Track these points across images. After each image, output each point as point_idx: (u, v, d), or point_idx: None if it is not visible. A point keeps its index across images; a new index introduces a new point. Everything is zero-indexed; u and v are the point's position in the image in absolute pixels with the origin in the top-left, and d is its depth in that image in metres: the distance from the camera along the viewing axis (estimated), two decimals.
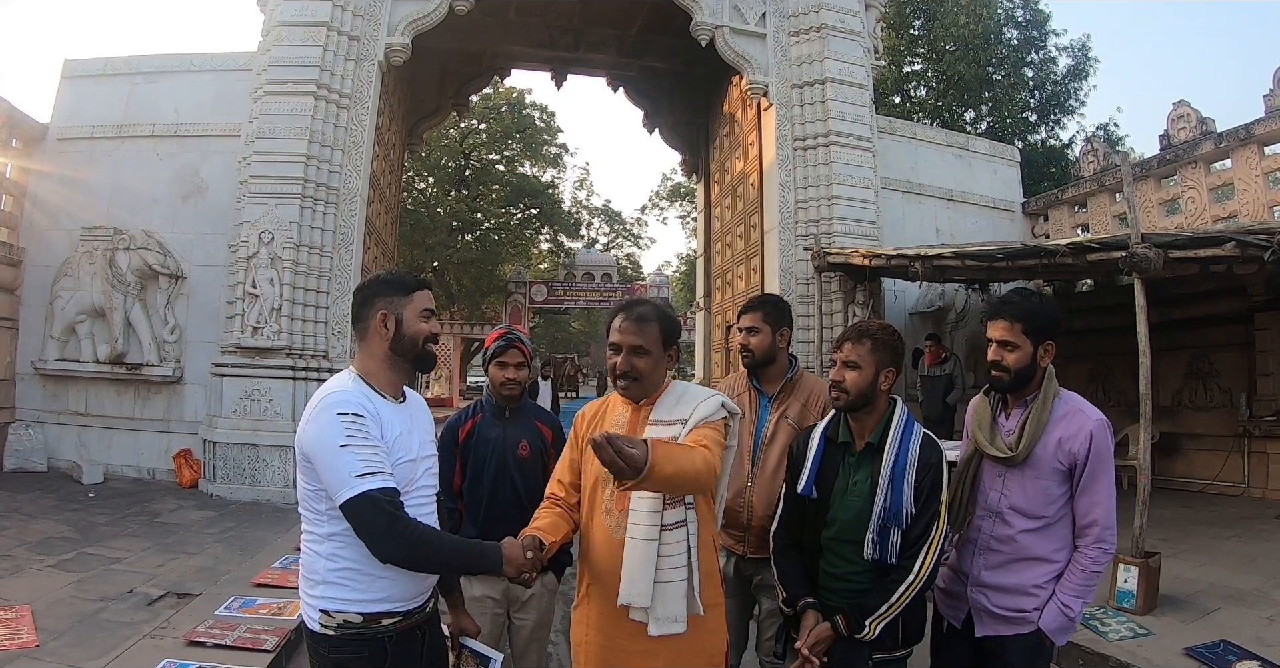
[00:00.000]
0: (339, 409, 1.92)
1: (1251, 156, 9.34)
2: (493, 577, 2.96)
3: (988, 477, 2.54)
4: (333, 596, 1.96)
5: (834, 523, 2.43)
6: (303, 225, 8.65)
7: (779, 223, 10.28)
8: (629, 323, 2.24)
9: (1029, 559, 2.44)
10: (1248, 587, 5.33)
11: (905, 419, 2.45)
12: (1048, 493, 2.43)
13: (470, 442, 3.14)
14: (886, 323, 2.70)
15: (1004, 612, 2.45)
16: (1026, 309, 2.46)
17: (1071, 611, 2.39)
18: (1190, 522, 7.49)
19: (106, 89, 9.79)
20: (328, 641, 1.96)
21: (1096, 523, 2.39)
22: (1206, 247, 5.17)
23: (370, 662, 1.96)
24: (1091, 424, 2.41)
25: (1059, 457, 2.41)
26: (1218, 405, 9.29)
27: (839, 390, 2.46)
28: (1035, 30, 19.48)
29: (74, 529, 6.40)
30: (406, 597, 2.03)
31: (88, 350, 9.02)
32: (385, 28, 9.40)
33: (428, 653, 2.11)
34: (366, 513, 1.85)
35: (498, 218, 27.70)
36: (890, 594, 2.29)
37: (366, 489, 1.85)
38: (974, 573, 2.52)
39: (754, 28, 10.52)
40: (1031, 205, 12.83)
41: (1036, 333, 2.45)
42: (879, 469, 2.37)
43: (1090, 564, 2.40)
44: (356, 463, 1.86)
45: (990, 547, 2.50)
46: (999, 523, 2.48)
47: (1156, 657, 4.19)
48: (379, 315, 2.09)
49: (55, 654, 3.82)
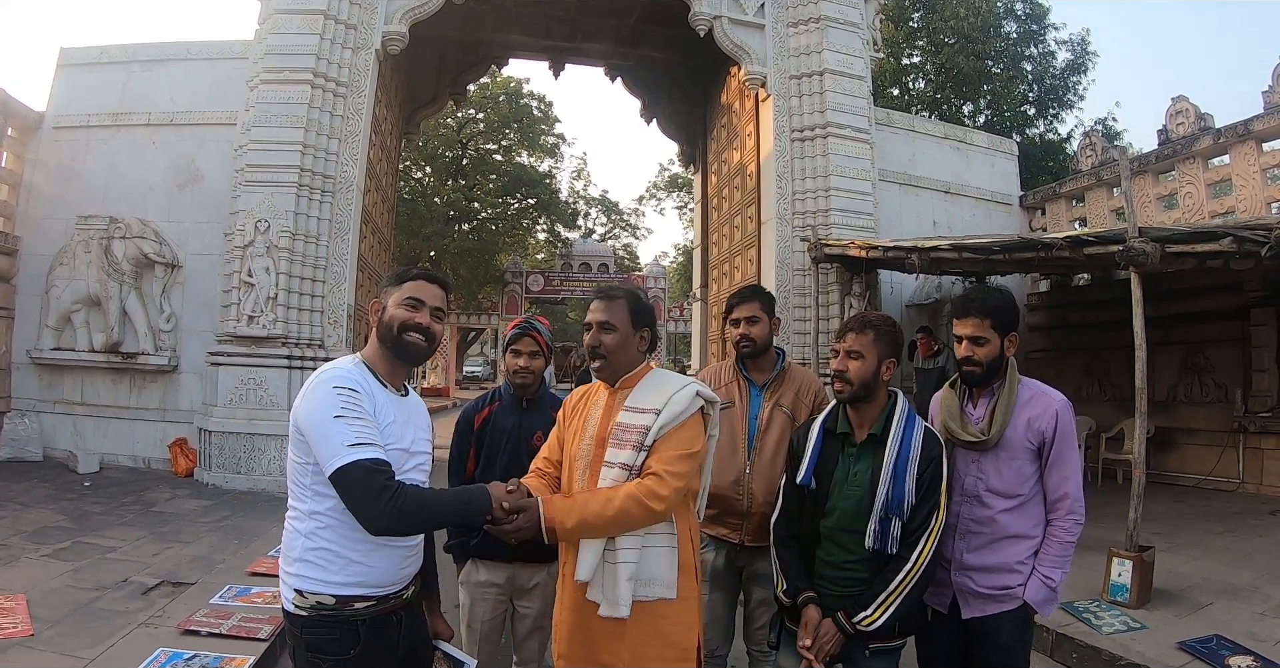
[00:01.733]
0: (335, 383, 1.96)
1: (1250, 153, 9.35)
2: (498, 563, 2.98)
3: (961, 463, 2.63)
4: (307, 575, 1.96)
5: (833, 513, 2.46)
6: (299, 214, 8.61)
7: (776, 214, 10.27)
8: (599, 301, 2.38)
9: (1009, 537, 2.55)
10: (1241, 582, 5.35)
11: (908, 411, 2.50)
12: (1021, 472, 2.55)
13: (486, 429, 3.13)
14: (887, 314, 2.73)
15: (990, 591, 2.53)
16: (993, 305, 2.59)
17: (1053, 581, 2.51)
18: (1184, 516, 7.52)
19: (102, 77, 9.74)
20: (301, 621, 1.97)
21: (1067, 496, 2.52)
22: (1203, 242, 5.17)
23: (341, 644, 1.95)
24: (1056, 404, 2.56)
25: (1029, 436, 2.54)
26: (1213, 401, 9.31)
27: (842, 381, 2.50)
28: (1034, 24, 19.47)
29: (69, 518, 6.40)
30: (381, 583, 2.02)
31: (83, 339, 9.01)
32: (382, 16, 9.35)
33: (405, 640, 2.10)
34: (356, 481, 1.85)
35: (495, 208, 27.69)
36: (889, 583, 2.33)
37: (358, 458, 1.86)
38: (956, 557, 2.59)
39: (752, 18, 10.49)
40: (1029, 199, 12.85)
41: (1004, 327, 2.58)
42: (881, 460, 2.41)
43: (1065, 535, 2.52)
44: (349, 433, 1.88)
45: (970, 530, 2.58)
46: (977, 506, 2.58)
47: (1150, 651, 4.21)
48: (374, 304, 2.19)
49: (50, 643, 3.82)
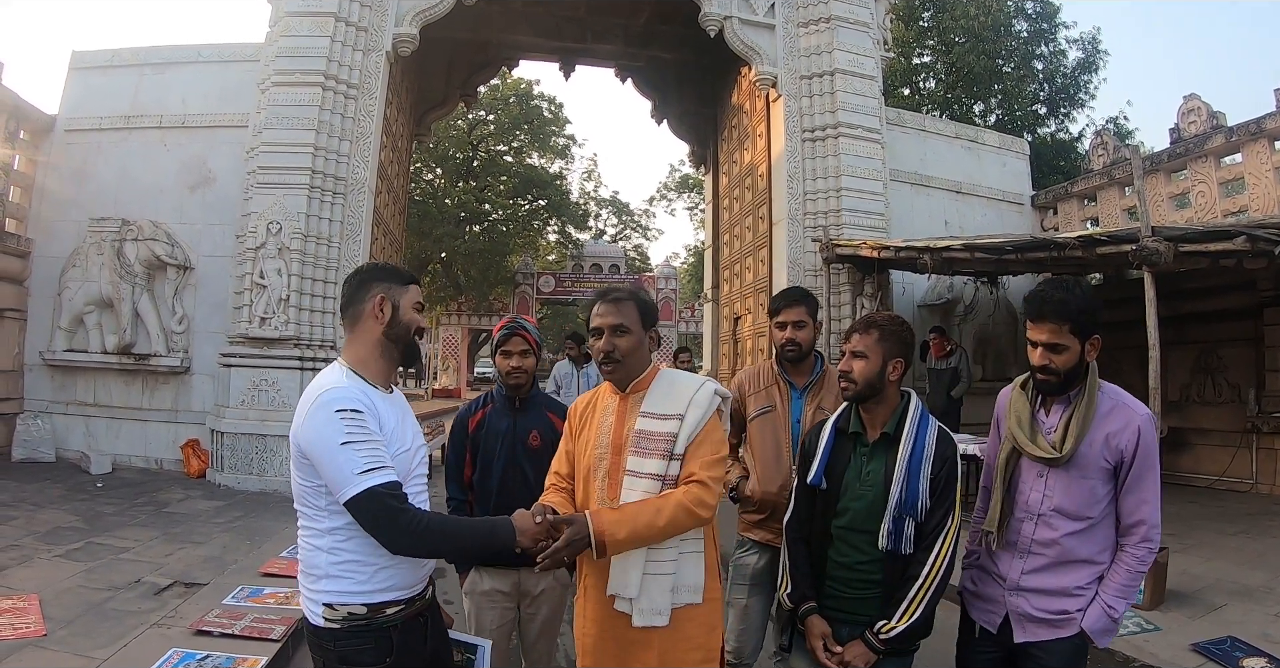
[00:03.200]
0: (338, 406, 1.90)
1: (1262, 151, 9.27)
2: (503, 570, 2.95)
3: (1027, 477, 2.40)
4: (336, 589, 1.94)
5: (845, 513, 2.41)
6: (310, 216, 8.65)
7: (787, 214, 10.25)
8: (606, 305, 2.31)
9: (1073, 562, 2.32)
10: (1255, 583, 5.31)
11: (920, 412, 2.45)
12: (1093, 493, 2.29)
13: (480, 433, 3.11)
14: (895, 314, 2.68)
15: (1046, 615, 2.33)
16: (1074, 307, 2.27)
17: (1115, 612, 2.29)
18: (1197, 517, 7.46)
19: (114, 80, 9.81)
20: (332, 634, 1.94)
21: (1144, 522, 2.27)
22: (1217, 241, 5.14)
23: (376, 653, 1.94)
24: (1139, 419, 2.28)
25: (1105, 454, 2.27)
26: (1226, 401, 9.23)
27: (847, 381, 2.48)
28: (1045, 23, 19.39)
29: (82, 519, 6.44)
30: (409, 584, 2.02)
31: (95, 341, 9.06)
32: (393, 18, 9.39)
33: (431, 642, 2.10)
34: (373, 509, 1.85)
35: (505, 209, 27.73)
36: (909, 590, 2.27)
37: (371, 485, 1.84)
38: (1012, 576, 2.39)
39: (763, 18, 10.48)
40: (1040, 199, 12.78)
41: (1085, 330, 2.29)
42: (894, 460, 2.36)
43: (1136, 564, 2.29)
44: (358, 460, 1.85)
45: (1031, 550, 2.36)
46: (1042, 526, 2.34)
47: (1163, 652, 4.18)
48: (376, 299, 2.07)
49: (63, 643, 3.85)
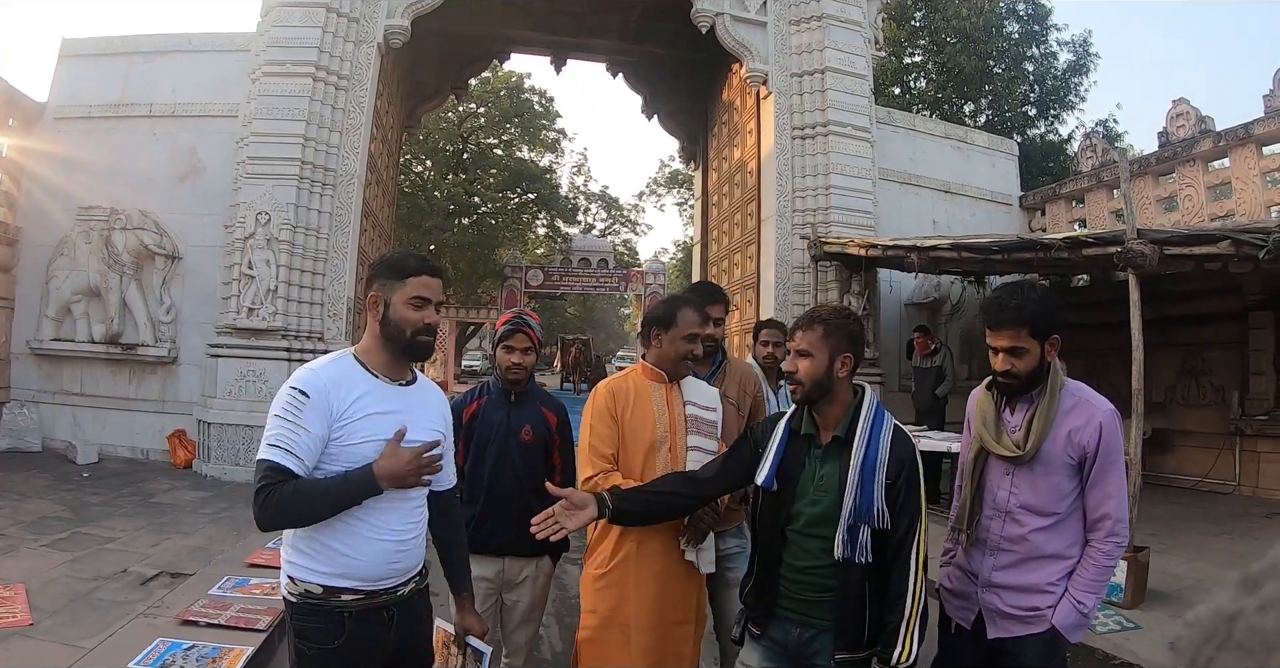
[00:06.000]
0: (294, 383, 1.99)
1: (1250, 156, 9.36)
2: (488, 557, 3.00)
3: (994, 475, 2.44)
4: (298, 563, 2.01)
5: (799, 517, 2.27)
6: (299, 207, 8.62)
7: (776, 211, 10.28)
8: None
9: (1042, 557, 2.35)
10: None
11: (875, 411, 2.29)
12: (1059, 489, 2.33)
13: (474, 423, 3.17)
14: (842, 307, 2.60)
15: (1017, 611, 2.35)
16: (1030, 311, 2.32)
17: (1085, 607, 2.31)
18: (1180, 518, 7.53)
19: (104, 68, 9.74)
20: (291, 606, 2.03)
21: (1109, 516, 2.30)
22: (1202, 244, 5.18)
23: (325, 633, 1.98)
24: (1101, 415, 2.32)
25: (1069, 450, 2.31)
26: (1210, 403, 9.31)
27: (794, 382, 2.32)
28: (1036, 24, 19.42)
29: (68, 509, 6.41)
30: (369, 576, 2.01)
31: (83, 330, 9.01)
32: (385, 9, 9.35)
33: (396, 637, 2.08)
34: (255, 478, 1.94)
35: (495, 202, 27.57)
36: (902, 613, 2.12)
37: (264, 457, 1.93)
38: (984, 574, 2.42)
39: (754, 16, 10.49)
40: (1029, 199, 12.86)
41: (1044, 331, 2.33)
42: (847, 464, 2.21)
43: (1103, 559, 2.31)
44: (272, 433, 1.94)
45: (1001, 547, 2.40)
46: (1009, 522, 2.38)
47: (1143, 650, 4.24)
48: (372, 296, 2.11)
49: (49, 633, 3.84)
